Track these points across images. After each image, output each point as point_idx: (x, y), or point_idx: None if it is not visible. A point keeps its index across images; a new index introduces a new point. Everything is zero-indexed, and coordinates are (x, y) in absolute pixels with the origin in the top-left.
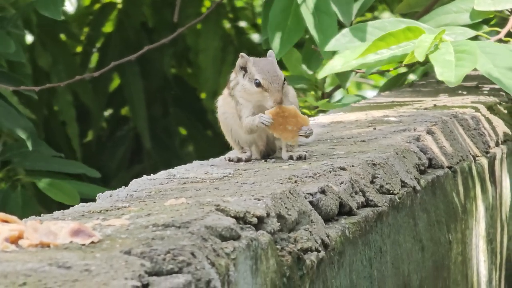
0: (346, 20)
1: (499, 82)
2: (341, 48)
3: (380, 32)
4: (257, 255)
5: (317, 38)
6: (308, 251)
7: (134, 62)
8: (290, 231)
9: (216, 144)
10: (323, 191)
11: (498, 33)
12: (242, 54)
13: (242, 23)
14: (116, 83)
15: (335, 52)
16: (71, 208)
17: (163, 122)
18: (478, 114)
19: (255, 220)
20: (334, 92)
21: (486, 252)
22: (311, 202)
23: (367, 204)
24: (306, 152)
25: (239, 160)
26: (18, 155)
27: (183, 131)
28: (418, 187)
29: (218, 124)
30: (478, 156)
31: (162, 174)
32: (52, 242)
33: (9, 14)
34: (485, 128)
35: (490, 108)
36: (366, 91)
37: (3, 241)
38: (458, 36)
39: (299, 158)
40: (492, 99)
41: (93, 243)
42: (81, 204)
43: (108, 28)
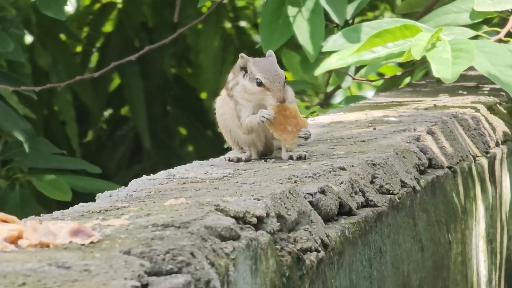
0: (340, 20)
1: (498, 80)
2: (338, 48)
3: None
4: (256, 255)
5: (307, 46)
6: (307, 251)
7: (134, 62)
8: (290, 231)
9: (216, 144)
10: (322, 191)
11: (498, 33)
12: (242, 54)
13: (243, 23)
14: (116, 83)
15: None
16: (70, 208)
17: (163, 122)
18: (478, 114)
19: (254, 220)
20: (334, 92)
21: (486, 252)
22: (310, 202)
23: (367, 204)
24: (306, 152)
25: (239, 160)
26: (18, 154)
27: (183, 131)
28: (418, 187)
29: (217, 125)
30: (478, 156)
31: (162, 174)
32: (52, 242)
33: (9, 15)
34: (485, 128)
35: (490, 108)
36: (367, 91)
37: (2, 241)
38: (458, 36)
39: (299, 158)
40: (492, 99)
41: (92, 243)
42: (80, 204)
43: (108, 28)
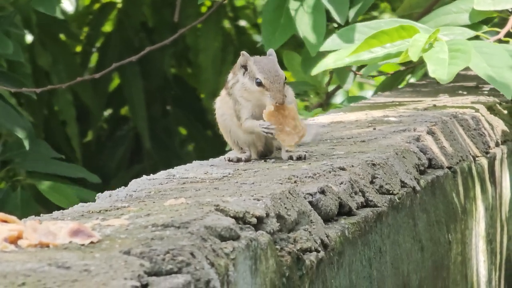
0: (341, 19)
1: (494, 81)
2: (336, 47)
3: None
4: (256, 255)
5: (309, 39)
6: (307, 251)
7: (134, 62)
8: (290, 231)
9: (216, 144)
10: (322, 191)
11: (497, 33)
12: (243, 52)
13: (243, 23)
14: (116, 82)
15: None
16: (70, 208)
17: (163, 122)
18: (478, 114)
19: (254, 220)
20: (335, 93)
21: (486, 252)
22: (310, 202)
23: (367, 204)
24: (306, 152)
25: (238, 160)
26: (18, 156)
27: (183, 131)
28: (418, 187)
29: (217, 125)
30: (478, 156)
31: (162, 174)
32: (52, 242)
33: (8, 14)
34: (485, 128)
35: (490, 108)
36: (367, 91)
37: (2, 241)
38: (457, 36)
39: (299, 158)
40: (492, 99)
41: (92, 243)
42: (80, 204)
43: (108, 27)
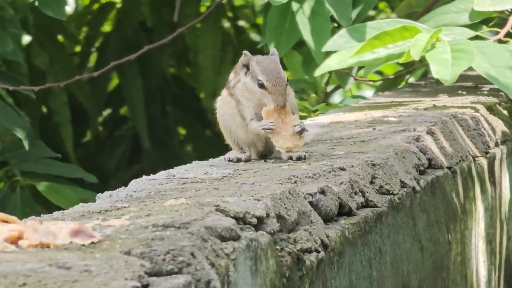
0: (344, 23)
1: (497, 81)
2: (338, 48)
3: (377, 32)
4: (256, 256)
5: (311, 44)
6: (307, 251)
7: (133, 61)
8: (290, 231)
9: (215, 144)
10: (322, 192)
11: (497, 33)
12: (246, 52)
13: (242, 22)
14: (115, 82)
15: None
16: (70, 209)
17: (162, 121)
18: (477, 115)
19: (254, 220)
20: (333, 92)
21: (486, 252)
22: (310, 203)
23: (367, 204)
24: (306, 152)
25: (238, 160)
26: (15, 156)
27: (182, 131)
28: (418, 188)
29: (218, 125)
30: (478, 157)
31: (162, 174)
32: (52, 243)
33: (7, 14)
34: (484, 129)
35: (490, 109)
36: (365, 91)
37: (2, 241)
38: (457, 36)
39: (299, 159)
40: (492, 99)
41: (93, 243)
42: (80, 204)
43: (107, 27)
